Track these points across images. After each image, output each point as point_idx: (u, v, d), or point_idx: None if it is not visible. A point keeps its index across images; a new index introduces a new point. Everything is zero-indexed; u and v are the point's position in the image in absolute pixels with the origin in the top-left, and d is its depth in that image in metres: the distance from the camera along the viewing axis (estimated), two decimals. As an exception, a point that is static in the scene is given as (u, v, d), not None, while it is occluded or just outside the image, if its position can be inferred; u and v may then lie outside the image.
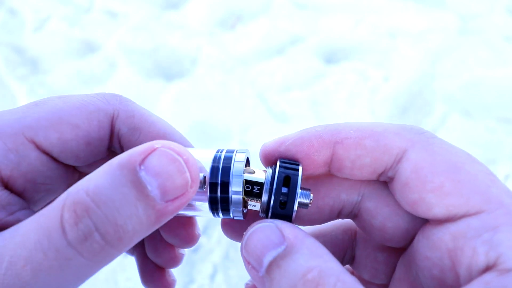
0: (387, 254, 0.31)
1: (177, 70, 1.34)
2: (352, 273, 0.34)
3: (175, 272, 0.37)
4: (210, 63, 1.35)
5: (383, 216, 0.29)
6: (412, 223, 0.28)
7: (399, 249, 0.30)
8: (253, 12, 1.51)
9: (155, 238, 0.35)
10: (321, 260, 0.23)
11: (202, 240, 0.92)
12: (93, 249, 0.22)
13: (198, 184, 0.24)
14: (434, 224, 0.26)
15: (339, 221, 0.33)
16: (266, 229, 0.25)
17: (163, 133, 0.30)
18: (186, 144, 0.31)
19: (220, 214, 0.27)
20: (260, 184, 0.27)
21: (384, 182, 0.29)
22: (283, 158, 0.28)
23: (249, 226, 0.26)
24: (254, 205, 0.28)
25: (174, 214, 0.24)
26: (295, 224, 0.28)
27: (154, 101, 1.22)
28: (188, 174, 0.23)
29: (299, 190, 0.26)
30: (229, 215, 0.27)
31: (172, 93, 1.25)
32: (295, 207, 0.26)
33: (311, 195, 0.27)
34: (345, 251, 0.32)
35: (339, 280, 0.22)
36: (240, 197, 0.26)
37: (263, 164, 0.29)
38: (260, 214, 0.28)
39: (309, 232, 0.32)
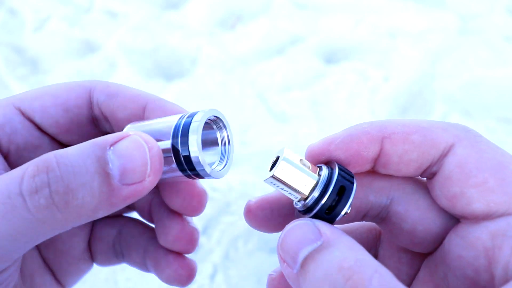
0: (411, 255, 0.30)
1: (177, 70, 1.34)
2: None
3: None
4: (210, 63, 1.35)
5: (413, 220, 0.28)
6: (443, 227, 0.28)
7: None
8: (253, 12, 1.51)
9: (162, 212, 0.35)
10: (359, 254, 0.23)
11: (202, 240, 0.92)
12: (39, 204, 0.23)
13: (157, 176, 0.25)
14: (470, 223, 0.26)
15: (364, 222, 0.33)
16: (304, 226, 0.25)
17: (137, 95, 0.31)
18: (164, 104, 0.31)
19: (194, 176, 0.28)
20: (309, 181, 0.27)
21: (414, 185, 0.29)
22: (339, 164, 0.27)
23: (287, 225, 0.26)
24: (296, 197, 0.27)
25: (128, 203, 0.25)
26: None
27: (154, 101, 1.22)
28: (149, 162, 0.25)
29: (350, 203, 0.26)
30: (201, 176, 0.28)
31: (172, 93, 1.25)
32: (339, 217, 0.26)
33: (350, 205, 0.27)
34: (368, 250, 0.32)
35: (376, 271, 0.22)
36: (197, 155, 0.27)
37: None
38: (296, 205, 0.28)
39: None
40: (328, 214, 0.26)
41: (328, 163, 0.28)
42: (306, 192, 0.27)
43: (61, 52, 1.37)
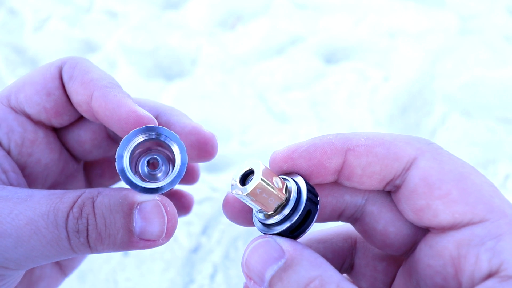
0: (386, 263, 0.31)
1: (177, 70, 1.34)
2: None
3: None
4: (210, 63, 1.35)
5: (386, 221, 0.29)
6: (414, 231, 0.29)
7: (398, 259, 0.31)
8: (253, 12, 1.51)
9: None
10: (321, 270, 0.24)
11: (202, 240, 0.92)
12: (79, 241, 0.28)
13: (168, 240, 0.30)
14: (438, 233, 0.26)
15: (339, 228, 0.33)
16: (266, 245, 0.26)
17: (89, 80, 0.32)
18: (106, 96, 0.32)
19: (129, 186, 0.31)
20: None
21: (388, 192, 0.29)
22: (307, 183, 0.28)
23: (249, 242, 0.27)
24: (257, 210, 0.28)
25: (142, 249, 0.30)
26: None
27: (154, 101, 1.22)
28: (165, 231, 0.29)
29: (312, 225, 0.27)
30: (132, 187, 0.30)
31: (172, 93, 1.25)
32: (301, 237, 0.27)
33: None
34: (344, 259, 0.33)
35: (338, 287, 0.23)
36: (123, 170, 0.30)
37: (273, 171, 0.29)
38: (257, 214, 0.28)
39: (309, 238, 0.33)
40: (292, 233, 0.27)
41: (293, 175, 0.28)
42: (272, 209, 0.27)
43: (61, 52, 1.37)
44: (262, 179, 0.26)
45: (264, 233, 0.28)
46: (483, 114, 1.20)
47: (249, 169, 0.27)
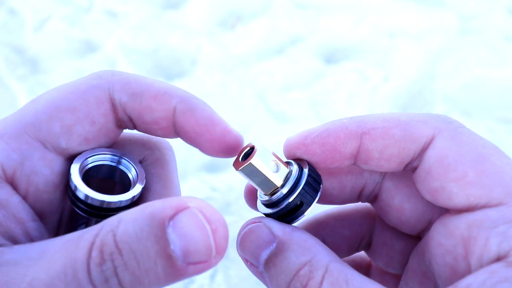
0: (403, 243, 0.31)
1: (177, 70, 1.34)
2: (368, 264, 0.34)
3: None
4: (210, 63, 1.35)
5: (401, 196, 0.29)
6: (430, 208, 0.28)
7: (415, 241, 0.30)
8: (253, 12, 1.51)
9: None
10: (311, 254, 0.24)
11: (202, 240, 0.92)
12: None
13: (223, 254, 0.23)
14: (453, 213, 0.26)
15: (358, 206, 0.33)
16: (256, 229, 0.26)
17: (163, 92, 0.28)
18: (195, 106, 0.28)
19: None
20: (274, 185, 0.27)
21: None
22: (312, 171, 0.27)
23: (242, 226, 0.27)
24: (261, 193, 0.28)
25: (196, 275, 0.24)
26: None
27: (154, 101, 1.22)
28: (213, 244, 0.22)
29: (304, 215, 0.27)
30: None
31: (172, 93, 1.25)
32: (299, 218, 0.27)
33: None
34: (362, 236, 0.32)
35: (327, 271, 0.24)
36: (78, 190, 0.26)
37: (286, 158, 0.29)
38: (260, 197, 0.28)
39: (329, 213, 0.33)
40: (292, 213, 0.27)
41: (300, 162, 0.28)
42: (267, 191, 0.27)
43: (61, 52, 1.37)
44: (252, 161, 0.26)
45: (259, 212, 0.28)
46: (483, 114, 1.20)
47: (250, 147, 0.27)
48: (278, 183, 0.27)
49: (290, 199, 0.26)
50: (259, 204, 0.29)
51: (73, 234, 0.23)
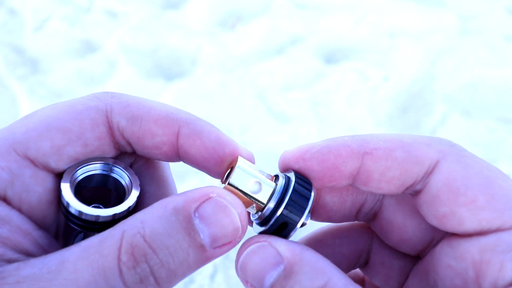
0: (402, 262, 0.30)
1: (177, 70, 1.34)
2: (362, 279, 0.34)
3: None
4: (210, 63, 1.35)
5: (404, 215, 0.28)
6: (432, 228, 0.27)
7: (414, 260, 0.30)
8: (253, 12, 1.51)
9: None
10: (326, 277, 0.23)
11: (202, 240, 0.92)
12: None
13: (244, 233, 0.24)
14: (461, 235, 0.25)
15: (357, 223, 0.32)
16: (261, 250, 0.24)
17: (164, 116, 0.27)
18: (201, 129, 0.27)
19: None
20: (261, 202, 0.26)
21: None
22: (298, 177, 0.26)
23: (242, 246, 0.25)
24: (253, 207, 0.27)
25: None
26: (312, 218, 0.28)
27: (154, 101, 1.22)
28: (240, 225, 0.24)
29: (307, 212, 0.25)
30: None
31: (172, 93, 1.25)
32: (296, 228, 0.26)
33: (309, 216, 0.26)
34: (360, 254, 0.32)
35: None
36: (66, 201, 0.25)
37: (279, 171, 0.28)
38: (253, 217, 0.27)
39: (326, 231, 0.32)
40: (285, 227, 0.25)
41: (286, 172, 0.27)
42: (264, 200, 0.26)
43: (61, 52, 1.37)
44: (231, 181, 0.25)
45: (255, 232, 0.27)
46: (483, 114, 1.20)
47: (231, 167, 0.26)
48: (264, 199, 0.26)
49: (278, 213, 0.25)
50: (254, 224, 0.27)
51: (89, 241, 0.23)
